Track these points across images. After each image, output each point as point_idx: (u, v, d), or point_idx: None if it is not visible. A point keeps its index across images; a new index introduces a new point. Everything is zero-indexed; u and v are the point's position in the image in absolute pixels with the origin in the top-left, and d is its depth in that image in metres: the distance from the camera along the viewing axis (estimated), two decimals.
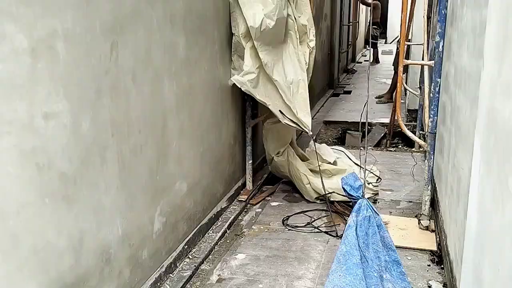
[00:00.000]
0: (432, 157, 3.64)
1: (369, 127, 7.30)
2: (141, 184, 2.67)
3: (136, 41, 2.52)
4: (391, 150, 6.11)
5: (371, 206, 2.85)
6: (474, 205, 1.82)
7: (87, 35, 2.11)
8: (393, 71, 8.80)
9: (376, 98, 8.97)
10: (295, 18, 4.00)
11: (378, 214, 2.86)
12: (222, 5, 3.70)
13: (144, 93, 2.65)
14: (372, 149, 6.19)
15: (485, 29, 2.01)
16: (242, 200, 4.25)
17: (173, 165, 3.06)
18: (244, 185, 4.48)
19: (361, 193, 3.32)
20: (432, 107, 3.54)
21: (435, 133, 3.60)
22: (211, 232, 3.67)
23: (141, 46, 2.58)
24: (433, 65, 3.50)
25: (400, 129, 4.00)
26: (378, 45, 15.61)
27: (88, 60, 2.13)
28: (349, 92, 10.23)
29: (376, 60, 14.68)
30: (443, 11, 3.36)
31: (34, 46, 1.79)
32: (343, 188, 3.70)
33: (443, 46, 3.42)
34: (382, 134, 7.18)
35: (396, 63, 8.05)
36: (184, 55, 3.12)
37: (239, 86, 3.79)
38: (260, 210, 4.21)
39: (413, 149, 5.95)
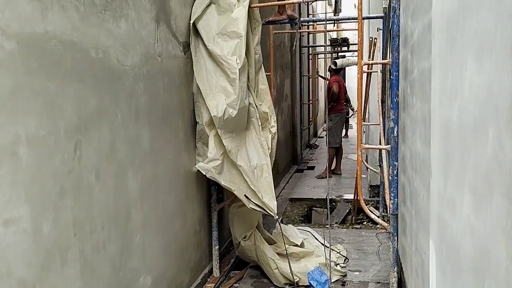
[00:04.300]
0: (396, 238, 3.70)
1: (334, 204, 7.38)
2: (104, 282, 2.58)
3: (100, 138, 2.55)
4: (356, 228, 6.16)
5: None
6: None
7: (51, 138, 2.12)
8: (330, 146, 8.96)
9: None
10: (256, 106, 4.16)
11: None
12: (186, 96, 3.81)
13: (108, 188, 2.63)
14: (338, 227, 6.22)
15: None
16: None
17: (137, 259, 2.98)
18: (211, 272, 4.37)
19: None
20: (392, 189, 3.64)
21: (397, 214, 3.68)
22: None
23: (105, 142, 2.60)
24: (389, 149, 3.65)
25: None
26: None
27: (51, 162, 2.13)
28: (312, 168, 10.39)
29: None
30: (395, 99, 3.56)
31: None
32: (310, 284, 3.67)
33: (397, 132, 3.58)
34: (347, 210, 7.26)
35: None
36: (148, 146, 3.16)
37: (204, 173, 3.82)
38: None
39: (378, 225, 6.00)
